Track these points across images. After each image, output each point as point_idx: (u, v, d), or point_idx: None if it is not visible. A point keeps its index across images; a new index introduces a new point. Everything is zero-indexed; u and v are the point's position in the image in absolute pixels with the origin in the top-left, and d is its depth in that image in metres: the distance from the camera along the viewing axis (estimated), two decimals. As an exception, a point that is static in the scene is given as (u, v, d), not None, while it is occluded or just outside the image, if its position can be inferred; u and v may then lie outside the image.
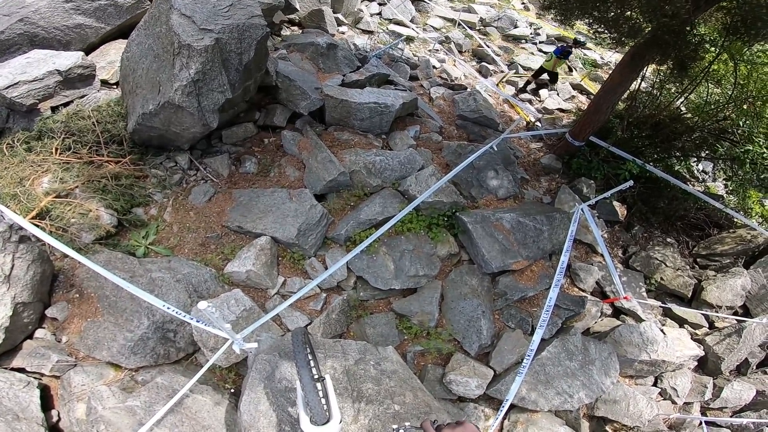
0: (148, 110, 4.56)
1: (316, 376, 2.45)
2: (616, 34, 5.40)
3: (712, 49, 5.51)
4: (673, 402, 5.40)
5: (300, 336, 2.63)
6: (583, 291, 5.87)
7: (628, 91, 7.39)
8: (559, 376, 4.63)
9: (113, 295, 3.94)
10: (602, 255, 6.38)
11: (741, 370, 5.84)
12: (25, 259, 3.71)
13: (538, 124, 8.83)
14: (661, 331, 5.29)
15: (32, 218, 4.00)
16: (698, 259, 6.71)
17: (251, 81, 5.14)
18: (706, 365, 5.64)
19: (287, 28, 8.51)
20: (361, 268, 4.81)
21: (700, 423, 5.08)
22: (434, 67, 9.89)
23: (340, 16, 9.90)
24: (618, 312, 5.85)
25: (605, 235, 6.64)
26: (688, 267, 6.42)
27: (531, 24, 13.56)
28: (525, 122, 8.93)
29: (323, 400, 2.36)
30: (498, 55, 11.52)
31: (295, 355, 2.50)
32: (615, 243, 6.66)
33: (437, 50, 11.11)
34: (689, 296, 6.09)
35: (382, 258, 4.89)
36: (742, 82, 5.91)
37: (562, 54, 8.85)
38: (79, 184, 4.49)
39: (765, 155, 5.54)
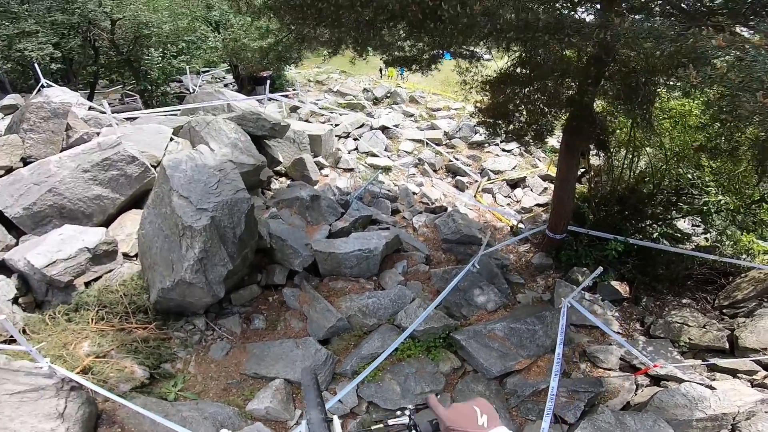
0: (166, 286, 5.29)
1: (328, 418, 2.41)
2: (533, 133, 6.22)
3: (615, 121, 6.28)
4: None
5: (311, 373, 2.58)
6: (609, 369, 5.63)
7: (587, 175, 8.22)
8: (600, 457, 4.26)
9: (151, 431, 4.42)
10: (618, 333, 6.26)
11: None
12: (76, 401, 4.29)
13: (521, 225, 9.45)
14: (709, 387, 4.93)
15: (78, 373, 4.61)
16: (724, 311, 6.48)
17: (247, 249, 5.98)
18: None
19: (275, 180, 9.74)
20: (370, 394, 5.13)
21: None
22: (414, 192, 11.02)
23: (320, 159, 11.30)
24: (658, 380, 5.46)
25: (617, 314, 6.57)
26: (716, 321, 6.13)
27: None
28: (509, 228, 9.56)
29: None
30: (468, 165, 12.88)
31: (306, 391, 2.42)
32: (629, 318, 6.53)
33: (413, 174, 12.47)
34: (727, 347, 5.72)
35: (388, 383, 5.21)
36: (667, 142, 6.62)
37: None
38: (114, 347, 5.15)
39: (723, 202, 5.90)
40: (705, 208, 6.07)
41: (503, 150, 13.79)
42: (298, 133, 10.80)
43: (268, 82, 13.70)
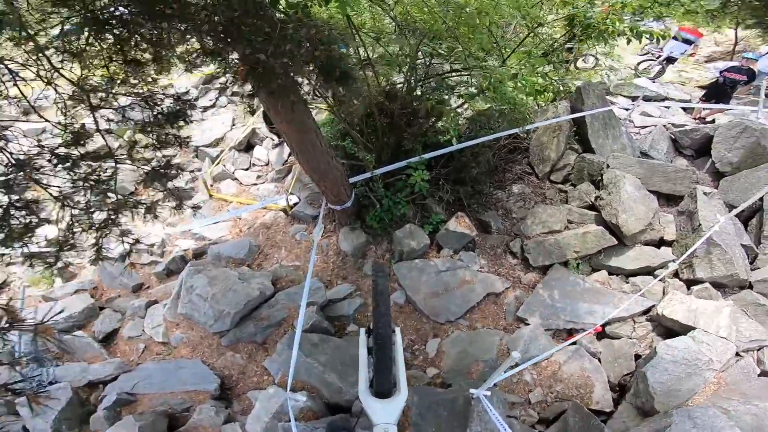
0: None
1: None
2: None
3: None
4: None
5: (386, 273, 1.97)
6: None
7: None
8: None
9: None
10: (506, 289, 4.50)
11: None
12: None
13: (293, 198, 6.30)
14: (677, 331, 3.70)
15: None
16: (552, 178, 5.38)
17: None
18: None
19: None
20: None
21: None
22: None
23: None
24: (603, 335, 4.05)
25: (483, 262, 4.70)
26: (570, 204, 4.90)
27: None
28: (283, 212, 6.29)
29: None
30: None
31: (378, 292, 1.82)
32: (498, 258, 4.79)
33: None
34: (615, 241, 4.45)
35: None
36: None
37: None
38: None
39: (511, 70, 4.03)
40: (490, 81, 4.04)
41: (203, 110, 9.26)
42: None
43: None
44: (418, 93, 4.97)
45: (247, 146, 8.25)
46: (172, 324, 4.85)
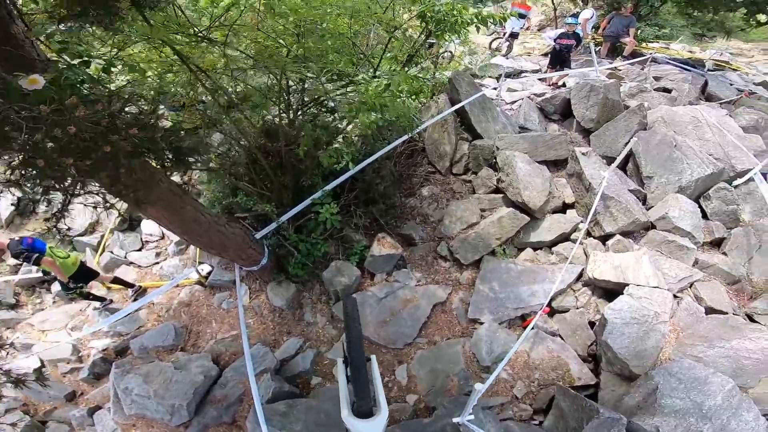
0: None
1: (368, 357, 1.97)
2: None
3: None
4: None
5: (354, 303, 2.18)
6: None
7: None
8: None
9: None
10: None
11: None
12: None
13: (206, 267, 5.47)
14: (614, 290, 3.72)
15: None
16: (453, 171, 5.38)
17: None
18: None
19: None
20: None
21: None
22: None
23: None
24: (553, 312, 4.06)
25: (418, 275, 4.50)
26: (479, 193, 4.90)
27: None
28: (199, 284, 5.44)
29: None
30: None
31: (349, 322, 1.99)
32: (430, 266, 4.61)
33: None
34: (527, 218, 4.54)
35: None
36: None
37: None
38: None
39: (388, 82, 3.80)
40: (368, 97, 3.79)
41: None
42: None
43: None
44: (300, 122, 4.55)
45: (131, 224, 7.03)
46: (128, 425, 4.02)
